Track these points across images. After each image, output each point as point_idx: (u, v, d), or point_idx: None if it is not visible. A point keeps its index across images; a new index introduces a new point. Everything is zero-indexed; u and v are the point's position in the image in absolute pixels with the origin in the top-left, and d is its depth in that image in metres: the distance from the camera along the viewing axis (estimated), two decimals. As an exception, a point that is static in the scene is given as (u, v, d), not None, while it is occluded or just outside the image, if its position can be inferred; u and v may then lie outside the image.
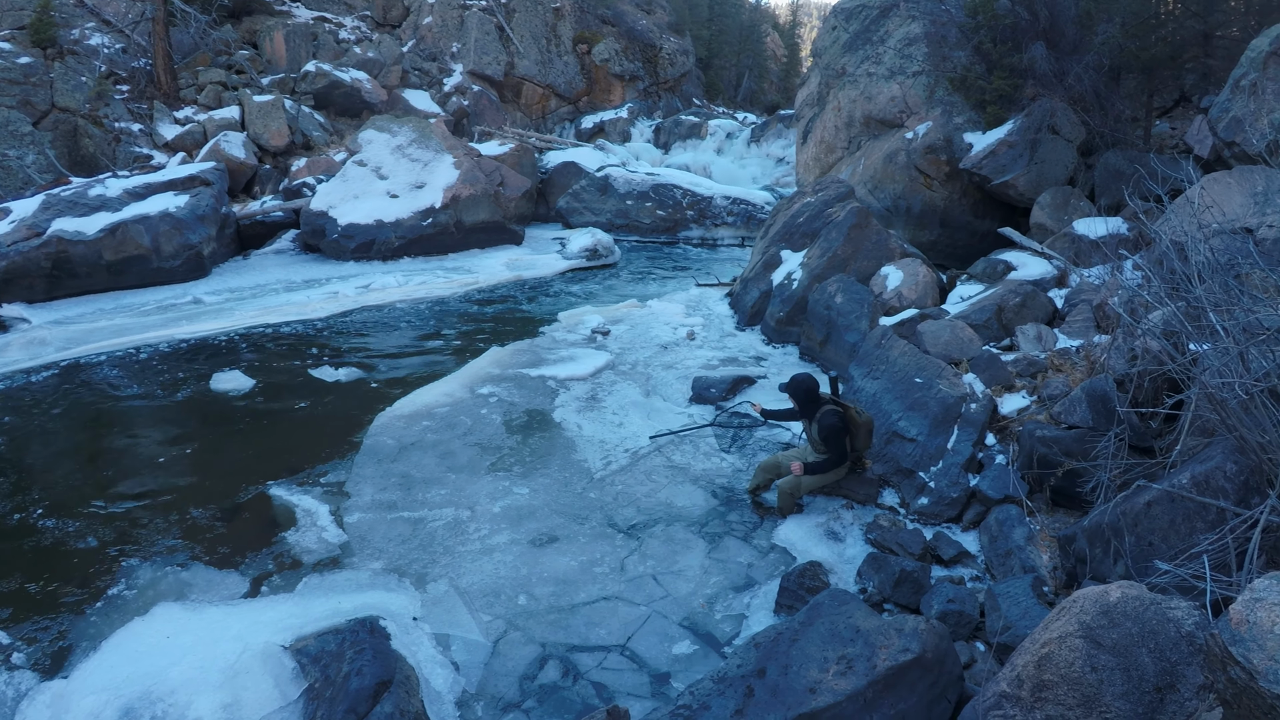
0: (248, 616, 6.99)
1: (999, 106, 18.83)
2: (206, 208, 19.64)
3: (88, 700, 5.91)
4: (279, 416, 11.59)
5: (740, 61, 55.76)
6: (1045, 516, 7.93)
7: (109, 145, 24.69)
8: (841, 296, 13.20)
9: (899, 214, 20.64)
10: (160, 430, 11.19)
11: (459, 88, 34.58)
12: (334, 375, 13.06)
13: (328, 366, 13.39)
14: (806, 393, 8.83)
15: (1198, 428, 6.51)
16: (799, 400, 8.90)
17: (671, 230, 26.42)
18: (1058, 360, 10.14)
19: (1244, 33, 16.95)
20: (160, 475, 9.87)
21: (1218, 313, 6.19)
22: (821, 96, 25.05)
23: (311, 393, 12.41)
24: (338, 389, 12.59)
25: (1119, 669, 4.20)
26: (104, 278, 17.88)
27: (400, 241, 21.90)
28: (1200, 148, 14.63)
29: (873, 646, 5.34)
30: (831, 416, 8.60)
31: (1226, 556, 5.19)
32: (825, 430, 8.59)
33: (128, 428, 11.31)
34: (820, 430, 8.65)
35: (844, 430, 8.61)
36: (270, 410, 11.79)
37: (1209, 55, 17.31)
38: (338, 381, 12.85)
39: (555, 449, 10.44)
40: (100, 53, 27.65)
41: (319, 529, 8.56)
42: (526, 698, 6.36)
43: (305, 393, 12.40)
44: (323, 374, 13.09)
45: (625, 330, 15.43)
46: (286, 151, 27.19)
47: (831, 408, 8.70)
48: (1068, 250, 14.16)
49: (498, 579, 7.75)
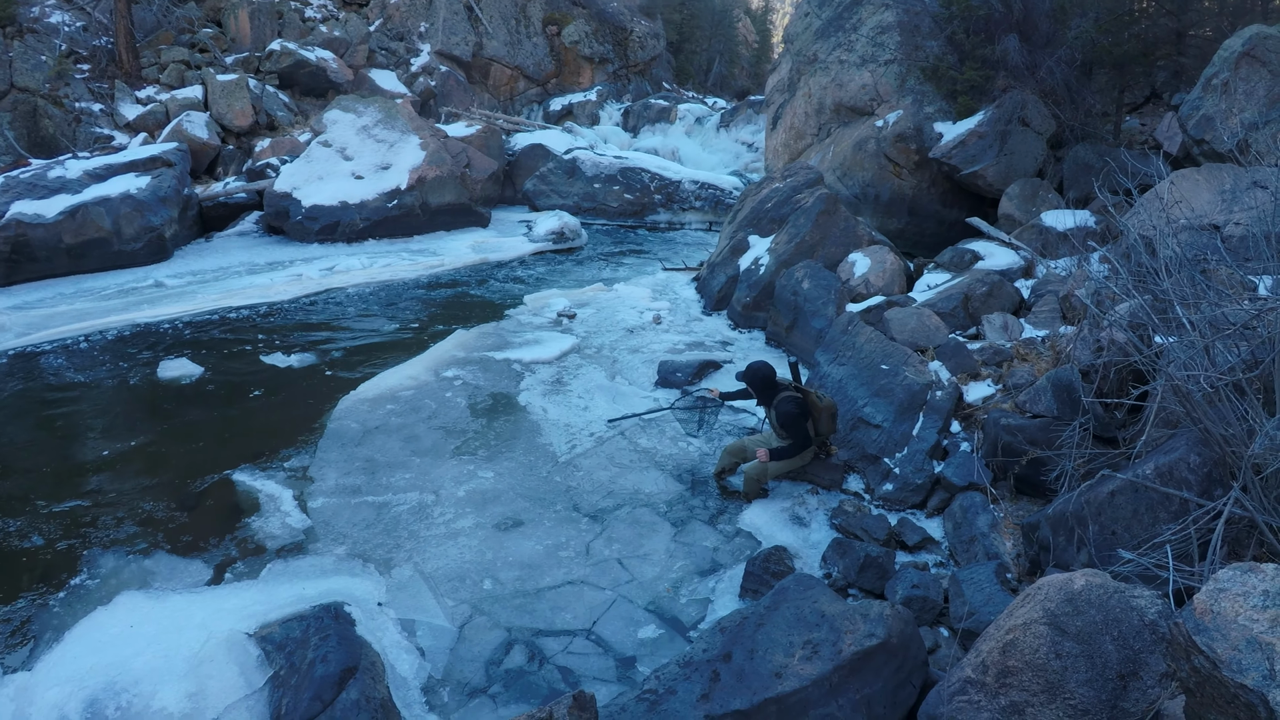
0: (211, 604, 6.91)
1: (970, 97, 18.89)
2: (168, 189, 19.32)
3: (52, 692, 5.83)
4: (241, 402, 11.47)
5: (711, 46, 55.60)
6: (1009, 504, 8.00)
7: (69, 126, 24.27)
8: (809, 283, 13.21)
9: (867, 201, 20.68)
10: (120, 416, 11.05)
11: (426, 68, 34.28)
12: (286, 361, 12.91)
13: (279, 353, 13.22)
14: (763, 380, 8.86)
15: (1162, 419, 6.58)
16: (756, 388, 8.93)
17: (639, 214, 26.35)
18: (1023, 350, 10.21)
19: (1217, 32, 17.11)
20: (121, 462, 9.74)
21: (1185, 307, 6.25)
22: (792, 83, 25.05)
23: (270, 377, 12.30)
24: (299, 373, 12.47)
25: (1083, 656, 4.23)
26: (64, 261, 17.46)
27: (365, 223, 21.64)
28: (1170, 144, 14.76)
29: (838, 631, 5.36)
30: (788, 403, 8.62)
31: (1189, 547, 5.25)
32: (783, 417, 8.62)
33: (86, 414, 11.14)
34: (778, 417, 8.68)
35: (802, 416, 8.62)
36: (232, 395, 11.67)
37: (1181, 53, 17.44)
38: (290, 367, 12.71)
39: (520, 433, 10.40)
40: (60, 31, 27.10)
41: (283, 514, 8.49)
42: (492, 683, 6.35)
43: (264, 378, 12.29)
44: (274, 360, 12.93)
45: (591, 314, 15.39)
46: (250, 132, 26.86)
47: (789, 394, 8.72)
48: (1035, 241, 14.26)
49: (463, 563, 7.72)
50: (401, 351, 13.33)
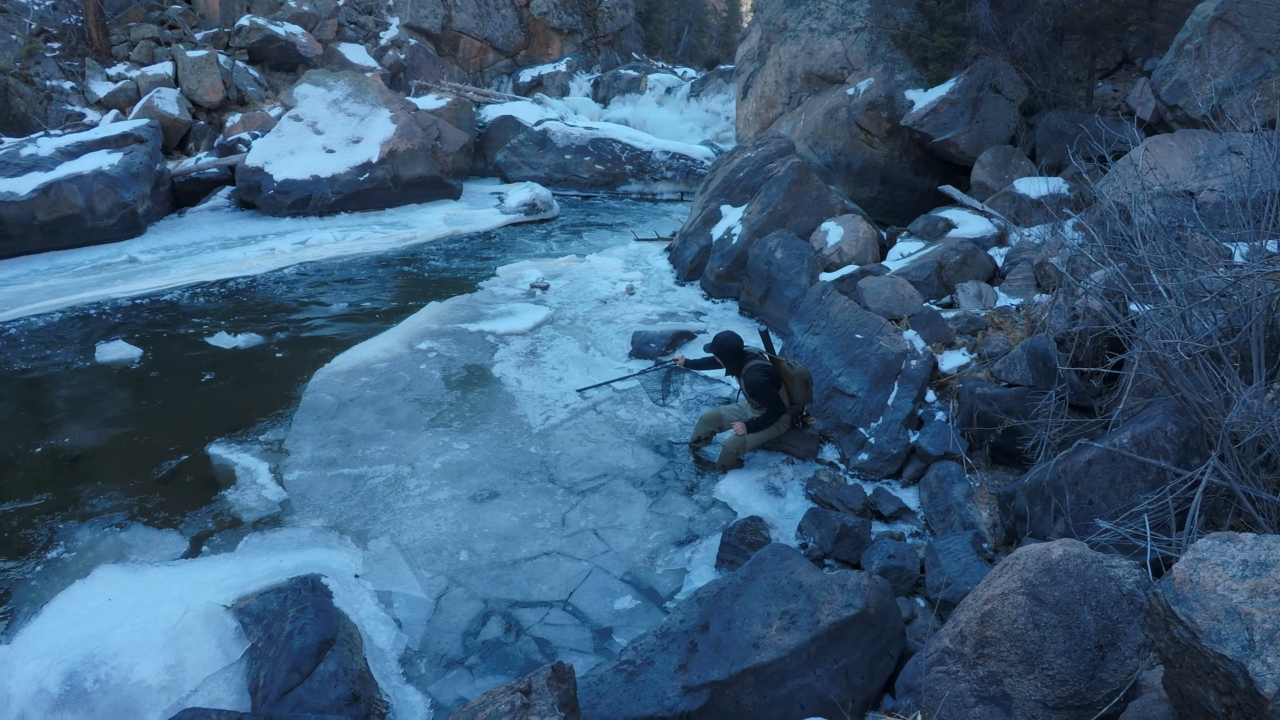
0: (189, 577, 6.87)
1: (941, 64, 18.86)
2: (141, 165, 19.16)
3: (30, 665, 5.79)
4: (215, 376, 11.35)
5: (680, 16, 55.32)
6: (985, 474, 8.02)
7: (40, 104, 23.95)
8: (782, 252, 13.19)
9: (839, 170, 20.67)
10: (93, 391, 10.93)
11: (395, 41, 33.96)
12: (258, 335, 12.79)
13: (252, 327, 13.09)
14: (730, 350, 8.87)
15: (1139, 388, 6.59)
16: (723, 357, 8.95)
17: (610, 185, 26.26)
18: (998, 318, 10.23)
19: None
20: (96, 437, 9.64)
21: (1161, 274, 6.26)
22: (762, 51, 24.93)
23: (243, 351, 12.21)
24: (272, 347, 12.36)
25: (1061, 626, 4.24)
26: (38, 239, 17.36)
27: (337, 197, 21.50)
28: (1142, 110, 14.76)
29: (815, 602, 5.37)
30: (756, 372, 8.63)
31: (1166, 516, 5.27)
32: (751, 385, 8.66)
33: (60, 390, 11.02)
34: (747, 386, 8.71)
35: (771, 383, 8.62)
36: (205, 369, 11.56)
37: (1153, 18, 17.42)
38: (263, 341, 12.59)
39: (495, 404, 10.36)
40: (30, 9, 26.75)
41: (259, 487, 8.43)
42: (469, 654, 6.34)
43: (238, 352, 12.19)
44: (247, 334, 12.80)
45: (564, 285, 15.32)
46: (221, 107, 26.59)
47: (757, 363, 8.73)
48: (1008, 209, 14.28)
49: (439, 535, 7.70)
50: (375, 324, 13.24)
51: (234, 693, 5.69)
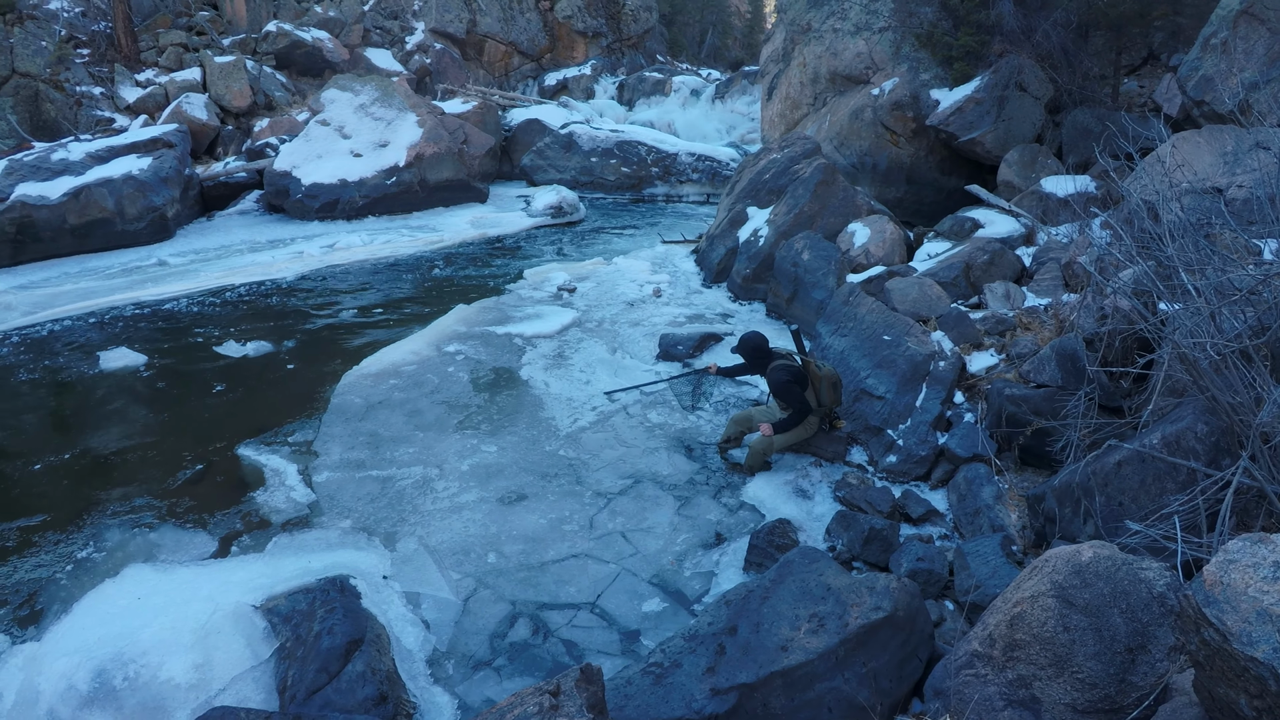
0: (218, 577, 6.94)
1: (966, 63, 18.75)
2: (170, 169, 19.42)
3: (60, 662, 5.86)
4: (244, 377, 11.46)
5: (704, 18, 55.34)
6: (1014, 475, 7.96)
7: (71, 109, 24.31)
8: (808, 253, 13.17)
9: (865, 171, 20.58)
10: (124, 393, 11.05)
11: (421, 46, 34.14)
12: (289, 336, 12.91)
13: (282, 329, 13.22)
14: (754, 350, 8.92)
15: (1168, 388, 6.53)
16: (748, 358, 9.00)
17: (636, 187, 26.30)
18: (1026, 318, 10.17)
19: (1214, -10, 16.91)
20: (126, 438, 9.77)
21: (1189, 272, 6.20)
22: (786, 53, 24.87)
23: (273, 353, 12.32)
24: (301, 349, 12.46)
25: (1091, 629, 4.21)
26: (69, 241, 17.67)
27: (364, 201, 21.68)
28: (1169, 106, 14.62)
29: (844, 605, 5.35)
30: (780, 371, 8.63)
31: (1197, 518, 5.22)
32: (774, 385, 8.66)
33: (92, 392, 11.14)
34: (770, 385, 8.70)
35: (795, 383, 8.60)
36: (235, 371, 11.67)
37: (1178, 13, 17.21)
38: (293, 343, 12.70)
39: (523, 407, 10.39)
40: (60, 17, 27.14)
41: (288, 489, 8.51)
42: (497, 655, 6.36)
43: (267, 353, 12.29)
44: (277, 335, 12.93)
45: (591, 287, 15.35)
46: (249, 112, 26.85)
47: (781, 362, 8.73)
48: (1035, 208, 14.18)
49: (467, 537, 7.73)
50: (403, 327, 13.33)
51: (262, 692, 5.74)
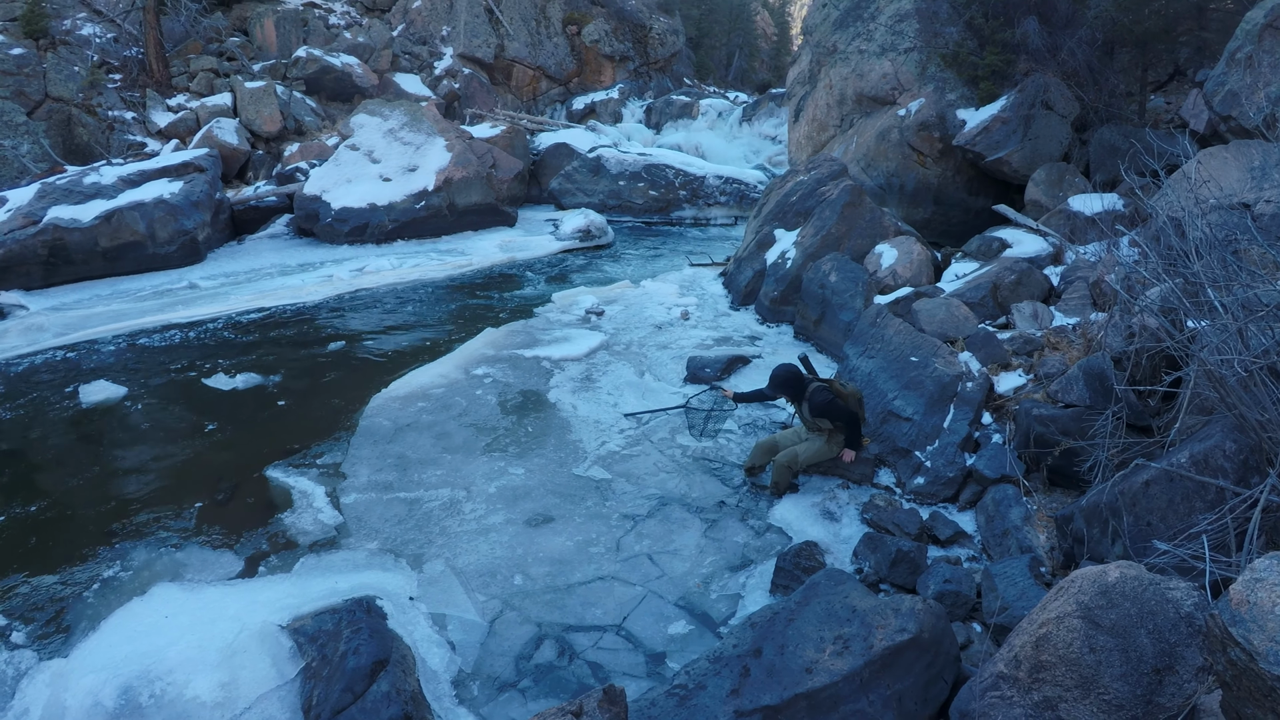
0: (245, 596, 7.00)
1: (992, 82, 18.71)
2: (201, 194, 19.64)
3: (87, 679, 5.94)
4: (273, 400, 11.55)
5: (730, 40, 55.53)
6: (1042, 496, 7.91)
7: (103, 134, 24.63)
8: (836, 275, 13.16)
9: (893, 192, 20.56)
10: (153, 415, 11.16)
11: (449, 71, 34.38)
12: (317, 360, 13.03)
13: (311, 352, 13.35)
14: (793, 381, 8.87)
15: (1196, 406, 6.48)
16: (788, 392, 8.91)
17: (664, 210, 26.35)
18: (1054, 338, 10.11)
19: (1239, 5, 16.70)
20: (155, 458, 9.87)
21: (1216, 289, 6.16)
22: (813, 74, 24.94)
23: (302, 376, 12.41)
24: (331, 372, 12.55)
25: (1117, 650, 4.18)
26: (100, 264, 17.91)
27: (394, 224, 21.83)
28: (1196, 122, 14.54)
29: (869, 626, 5.33)
30: (821, 393, 8.63)
31: (1226, 537, 5.17)
32: (819, 406, 8.61)
33: (121, 414, 11.26)
34: (813, 408, 8.66)
35: (836, 401, 8.60)
36: (264, 394, 11.76)
37: (1203, 28, 17.13)
38: (322, 366, 12.82)
39: (550, 429, 10.41)
40: (92, 42, 27.51)
41: (315, 510, 8.57)
42: (522, 677, 6.37)
43: (296, 376, 12.40)
44: (306, 358, 13.07)
45: (619, 311, 15.37)
46: (279, 137, 27.09)
47: (818, 385, 8.72)
48: (1063, 227, 14.11)
49: (494, 559, 7.75)
50: (431, 350, 13.40)
51: (287, 711, 5.77)
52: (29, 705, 5.94)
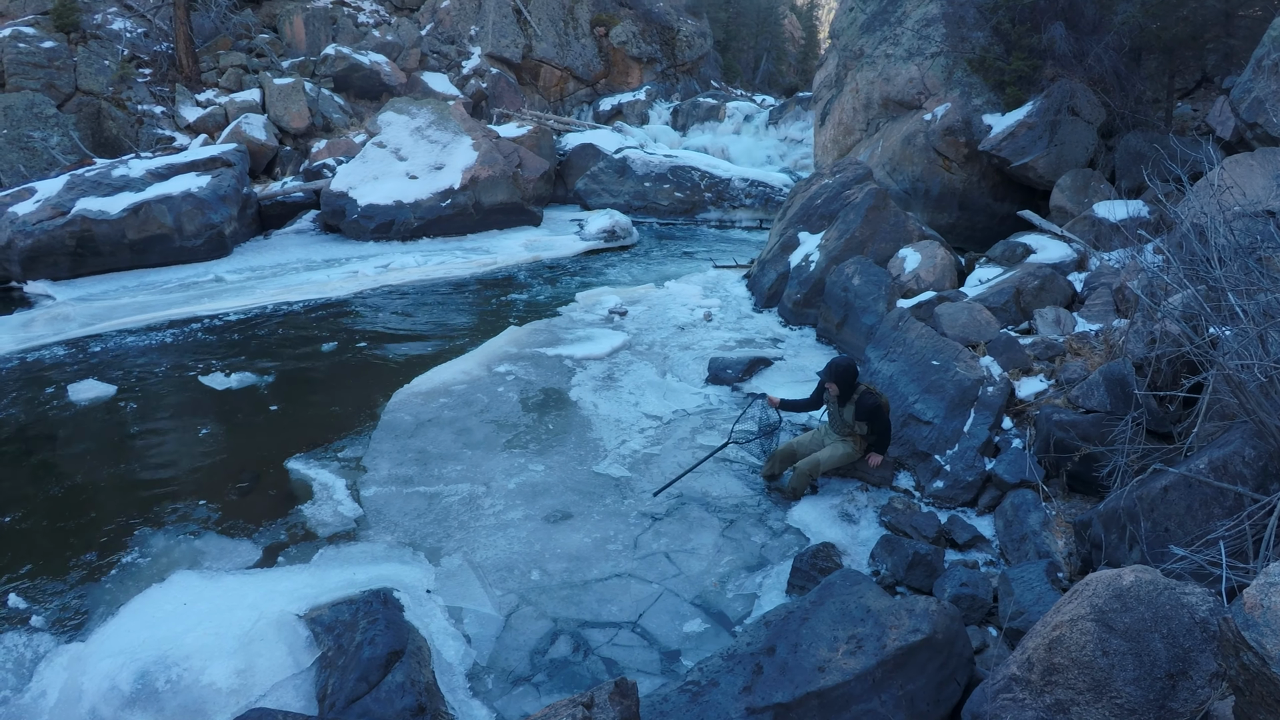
0: (263, 586, 7.08)
1: (1018, 88, 18.64)
2: (228, 188, 19.84)
3: (105, 663, 6.02)
4: (296, 393, 11.66)
5: (758, 43, 55.43)
6: (1061, 501, 7.89)
7: (132, 127, 24.88)
8: (859, 278, 13.15)
9: (917, 196, 20.50)
10: (173, 406, 11.27)
11: (477, 70, 34.49)
12: (340, 354, 13.15)
13: (333, 346, 13.48)
14: (851, 377, 8.75)
15: (1216, 412, 6.46)
16: (844, 383, 8.75)
17: (689, 212, 26.36)
18: (1076, 344, 10.08)
19: (1266, 11, 16.59)
20: (178, 449, 10.00)
21: (1238, 295, 6.13)
22: (839, 78, 24.88)
23: (324, 369, 12.50)
24: (353, 366, 12.64)
25: (1130, 654, 4.17)
26: (127, 256, 18.16)
27: (419, 222, 21.98)
28: (1222, 129, 14.45)
29: (883, 626, 5.34)
30: (870, 396, 8.62)
31: (1244, 543, 5.15)
32: (866, 410, 8.62)
33: (145, 404, 11.38)
34: (859, 410, 8.63)
35: (882, 407, 8.60)
36: (286, 387, 11.87)
37: (1231, 35, 16.99)
38: (344, 360, 12.94)
39: (571, 427, 10.45)
40: (123, 37, 27.82)
41: (335, 502, 8.66)
42: (537, 671, 6.41)
43: (319, 370, 12.49)
44: (328, 352, 13.22)
45: (642, 311, 15.40)
46: (307, 133, 27.27)
47: (866, 387, 8.70)
48: (1088, 233, 14.05)
49: (511, 554, 7.79)
50: (454, 346, 13.48)
51: (302, 699, 5.84)
52: (46, 687, 6.04)
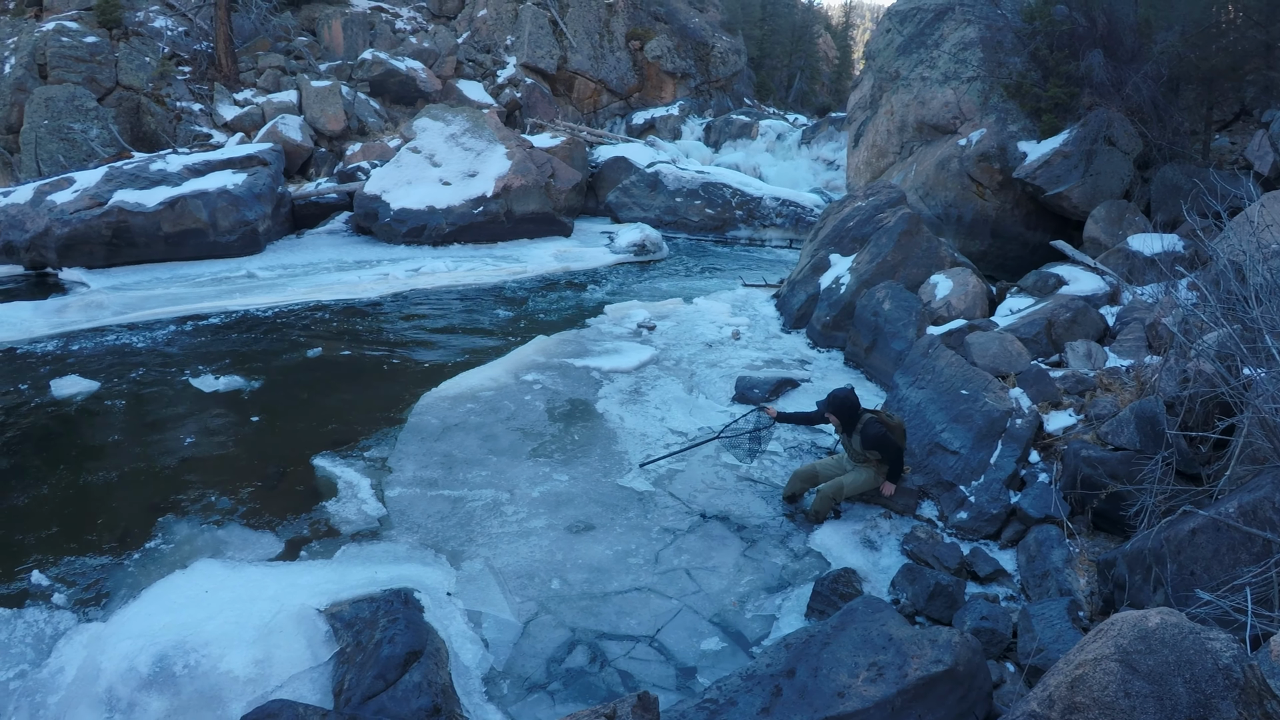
0: (285, 579, 7.16)
1: (1054, 115, 18.52)
2: (263, 186, 20.07)
3: (124, 644, 6.10)
4: (323, 392, 11.74)
5: (792, 62, 55.49)
6: (1086, 539, 7.83)
7: (170, 123, 25.21)
8: (889, 303, 13.12)
9: (950, 222, 20.42)
10: (200, 401, 11.37)
11: (512, 80, 34.65)
12: (368, 355, 13.24)
13: (361, 348, 13.57)
14: (851, 407, 8.78)
15: (1248, 455, 6.40)
16: (844, 415, 8.80)
17: (720, 229, 26.37)
18: (1107, 379, 10.02)
19: (1307, 44, 16.53)
20: (205, 442, 10.10)
21: (1275, 336, 6.10)
22: (874, 100, 24.84)
23: (352, 371, 12.60)
24: (380, 368, 12.73)
25: (1152, 697, 4.14)
26: (161, 248, 18.42)
27: (451, 228, 22.12)
28: (1261, 164, 14.32)
29: (905, 655, 5.32)
30: (874, 425, 8.58)
31: (1270, 590, 5.11)
32: (871, 439, 8.56)
33: (168, 396, 11.49)
34: (865, 440, 8.61)
35: (888, 434, 8.57)
36: (316, 386, 11.96)
37: (1271, 67, 16.79)
38: (372, 362, 13.03)
39: (596, 439, 10.48)
40: (164, 35, 28.28)
41: (359, 501, 8.74)
42: (553, 680, 6.43)
43: (347, 370, 12.57)
44: (356, 354, 13.29)
45: (670, 326, 15.42)
46: (342, 136, 27.51)
47: (871, 416, 8.68)
48: (1121, 266, 13.96)
49: (532, 562, 7.83)
50: (482, 353, 13.53)
51: (318, 693, 5.90)
52: (65, 664, 6.16)
